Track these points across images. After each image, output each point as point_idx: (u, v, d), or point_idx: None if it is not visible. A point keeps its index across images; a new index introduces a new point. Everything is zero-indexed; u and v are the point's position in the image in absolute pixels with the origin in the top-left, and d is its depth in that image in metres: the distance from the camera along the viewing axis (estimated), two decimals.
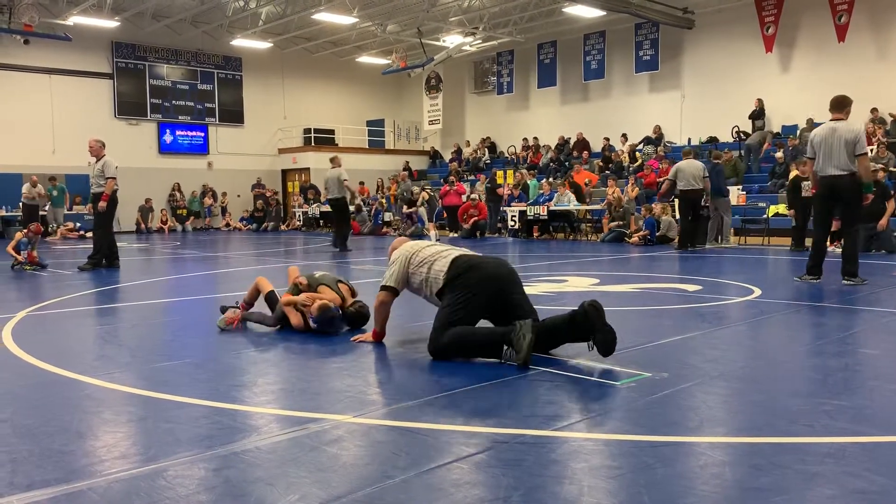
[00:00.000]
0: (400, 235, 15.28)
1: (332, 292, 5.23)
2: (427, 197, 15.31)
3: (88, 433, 3.02)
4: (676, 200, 13.85)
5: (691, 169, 12.89)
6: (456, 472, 2.50)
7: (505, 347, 3.98)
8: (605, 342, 3.91)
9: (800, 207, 12.42)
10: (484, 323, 4.36)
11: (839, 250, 11.95)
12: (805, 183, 12.36)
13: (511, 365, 3.96)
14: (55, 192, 20.51)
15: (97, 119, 22.34)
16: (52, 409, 3.35)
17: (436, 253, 4.47)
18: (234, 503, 2.26)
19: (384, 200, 22.40)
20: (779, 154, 17.41)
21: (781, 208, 15.41)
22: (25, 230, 10.77)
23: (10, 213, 20.30)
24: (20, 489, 2.37)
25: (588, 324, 3.93)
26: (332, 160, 14.41)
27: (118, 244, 10.99)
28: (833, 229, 12.46)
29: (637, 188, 17.69)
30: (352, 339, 4.75)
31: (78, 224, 20.74)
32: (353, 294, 5.40)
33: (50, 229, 20.04)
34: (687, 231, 13.06)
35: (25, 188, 18.85)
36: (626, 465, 2.54)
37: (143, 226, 23.04)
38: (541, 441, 2.81)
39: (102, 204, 10.22)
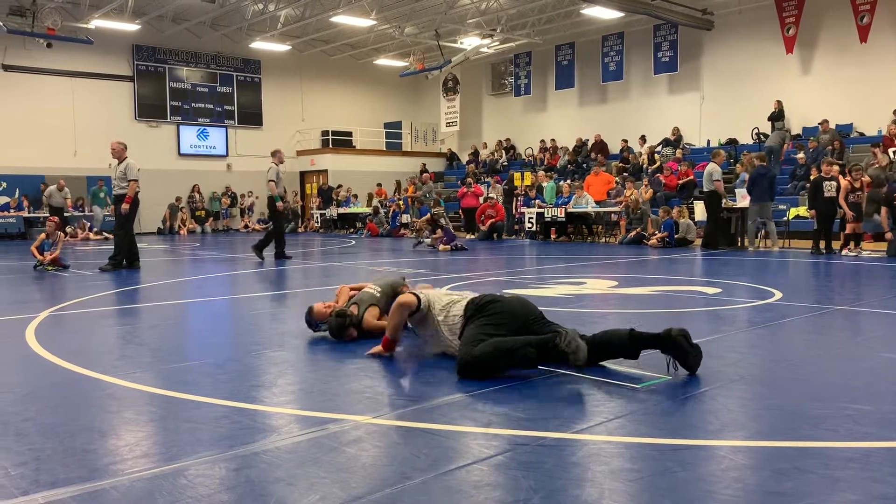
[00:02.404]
0: (419, 242, 15.19)
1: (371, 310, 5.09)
2: (441, 212, 15.27)
3: (110, 432, 3.04)
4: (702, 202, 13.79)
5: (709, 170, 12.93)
6: (476, 473, 2.50)
7: (556, 343, 3.68)
8: (696, 361, 3.82)
9: (821, 208, 12.28)
10: None
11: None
12: (826, 183, 12.24)
13: (532, 369, 3.87)
14: (101, 194, 20.86)
15: (118, 121, 22.57)
16: (74, 408, 3.39)
17: (450, 301, 4.30)
18: (256, 503, 2.27)
19: (402, 202, 22.44)
20: (800, 155, 17.25)
21: (802, 210, 15.27)
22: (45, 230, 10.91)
23: (33, 215, 20.55)
24: (45, 487, 2.40)
25: (677, 349, 3.79)
26: (273, 154, 13.01)
27: (139, 245, 11.09)
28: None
29: (651, 189, 17.59)
30: (366, 353, 4.45)
31: (88, 224, 20.97)
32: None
33: (87, 230, 20.37)
34: (712, 232, 13.10)
35: (50, 191, 19.07)
36: (647, 469, 2.53)
37: (169, 223, 23.22)
38: (561, 444, 2.80)
39: (125, 206, 10.32)
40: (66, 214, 19.50)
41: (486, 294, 4.26)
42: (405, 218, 21.32)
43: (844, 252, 12.12)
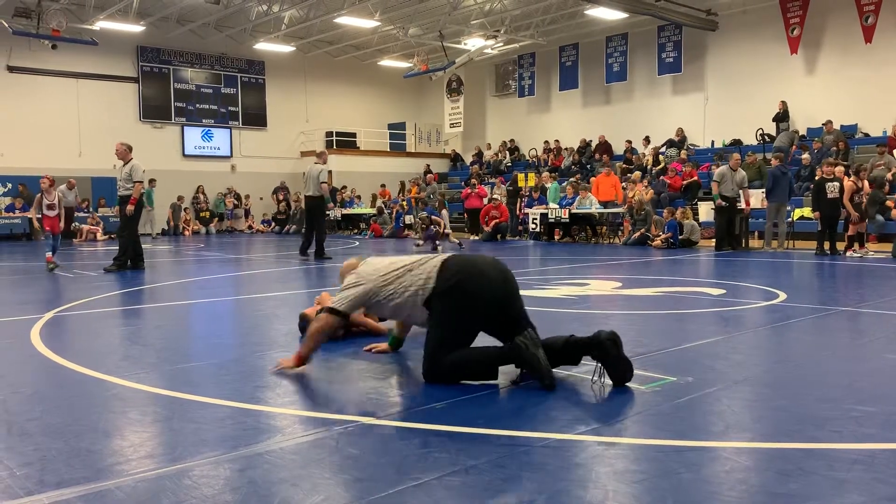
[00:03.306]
0: (420, 242, 15.15)
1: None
2: (425, 217, 15.28)
3: (115, 432, 3.05)
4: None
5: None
6: (479, 475, 2.50)
7: (518, 371, 3.63)
8: (622, 373, 3.59)
9: (825, 210, 12.25)
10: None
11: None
12: (830, 184, 12.22)
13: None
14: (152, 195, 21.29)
15: (122, 122, 22.62)
16: (79, 409, 3.40)
17: (415, 260, 3.95)
18: (260, 503, 2.27)
19: (405, 203, 22.44)
20: (805, 156, 17.21)
21: (807, 211, 15.24)
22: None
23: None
24: (50, 487, 2.41)
25: (604, 355, 3.59)
26: (319, 155, 13.28)
27: (143, 246, 11.11)
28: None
29: (651, 190, 17.56)
30: (273, 368, 4.10)
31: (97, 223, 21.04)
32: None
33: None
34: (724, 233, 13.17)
35: (61, 190, 19.09)
36: (651, 470, 2.52)
37: (172, 223, 23.26)
38: (565, 445, 2.80)
39: (130, 207, 10.35)
40: (79, 214, 19.75)
41: (464, 260, 3.90)
42: (409, 219, 21.32)
43: (849, 253, 12.09)
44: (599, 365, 3.62)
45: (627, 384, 3.62)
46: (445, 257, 3.92)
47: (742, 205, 13.80)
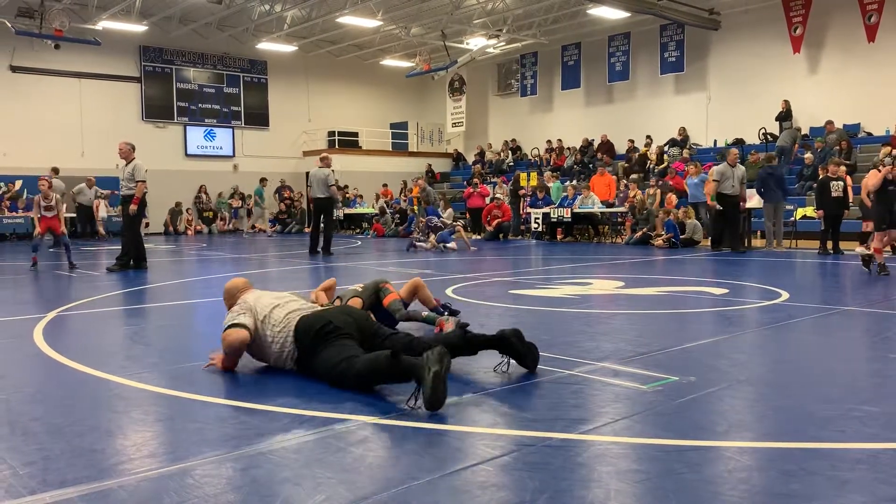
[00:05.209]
0: (417, 242, 14.85)
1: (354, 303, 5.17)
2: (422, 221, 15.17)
3: (118, 432, 3.06)
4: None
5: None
6: (481, 474, 2.50)
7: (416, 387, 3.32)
8: (532, 361, 3.91)
9: (828, 209, 12.23)
10: None
11: (868, 252, 11.84)
12: (834, 183, 12.20)
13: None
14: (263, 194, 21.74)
15: (125, 122, 22.65)
16: (82, 408, 3.41)
17: (284, 316, 4.00)
18: (262, 503, 2.27)
19: (416, 208, 22.31)
20: (807, 156, 17.19)
21: (809, 211, 15.22)
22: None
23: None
24: (53, 486, 2.41)
25: (511, 350, 3.88)
26: (322, 159, 13.76)
27: (145, 245, 11.12)
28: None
29: (659, 191, 17.52)
30: (204, 366, 4.15)
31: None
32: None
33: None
34: (736, 233, 13.15)
35: (80, 188, 19.10)
36: (653, 470, 2.52)
37: (171, 228, 23.29)
38: (567, 444, 2.80)
39: (133, 207, 10.36)
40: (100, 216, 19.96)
41: (311, 318, 3.94)
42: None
43: (859, 250, 12.14)
44: (508, 358, 3.91)
45: (625, 383, 3.62)
46: (296, 322, 3.94)
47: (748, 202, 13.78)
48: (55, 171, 18.15)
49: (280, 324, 3.98)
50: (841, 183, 12.22)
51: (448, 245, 14.53)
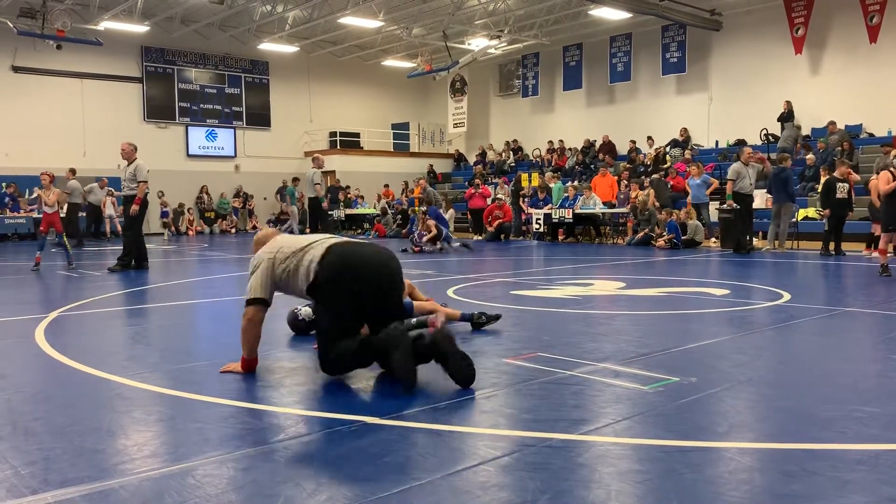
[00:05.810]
0: (422, 243, 14.78)
1: None
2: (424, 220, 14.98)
3: (119, 432, 3.06)
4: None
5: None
6: (482, 474, 2.50)
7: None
8: (462, 371, 3.57)
9: (834, 210, 12.21)
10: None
11: (875, 255, 11.82)
12: (840, 184, 12.19)
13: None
14: (296, 193, 22.08)
15: (127, 122, 22.68)
16: (83, 409, 3.41)
17: (306, 244, 3.95)
18: (263, 503, 2.28)
19: (420, 210, 22.24)
20: (809, 156, 17.17)
21: (811, 212, 15.20)
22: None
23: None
24: (54, 486, 2.42)
25: (439, 353, 3.61)
26: (314, 159, 14.66)
27: (147, 246, 11.13)
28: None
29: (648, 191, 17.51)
30: (220, 369, 4.11)
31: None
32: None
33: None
34: (741, 233, 13.12)
35: (91, 187, 19.12)
36: (654, 470, 2.52)
37: (172, 228, 23.31)
38: (568, 445, 2.80)
39: (135, 207, 10.37)
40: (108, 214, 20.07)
41: (347, 247, 3.90)
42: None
43: (866, 253, 12.19)
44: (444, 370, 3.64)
45: (626, 384, 3.62)
46: (330, 244, 3.90)
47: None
48: (72, 171, 18.30)
49: (309, 246, 3.91)
50: (846, 184, 12.23)
51: (453, 245, 14.53)
